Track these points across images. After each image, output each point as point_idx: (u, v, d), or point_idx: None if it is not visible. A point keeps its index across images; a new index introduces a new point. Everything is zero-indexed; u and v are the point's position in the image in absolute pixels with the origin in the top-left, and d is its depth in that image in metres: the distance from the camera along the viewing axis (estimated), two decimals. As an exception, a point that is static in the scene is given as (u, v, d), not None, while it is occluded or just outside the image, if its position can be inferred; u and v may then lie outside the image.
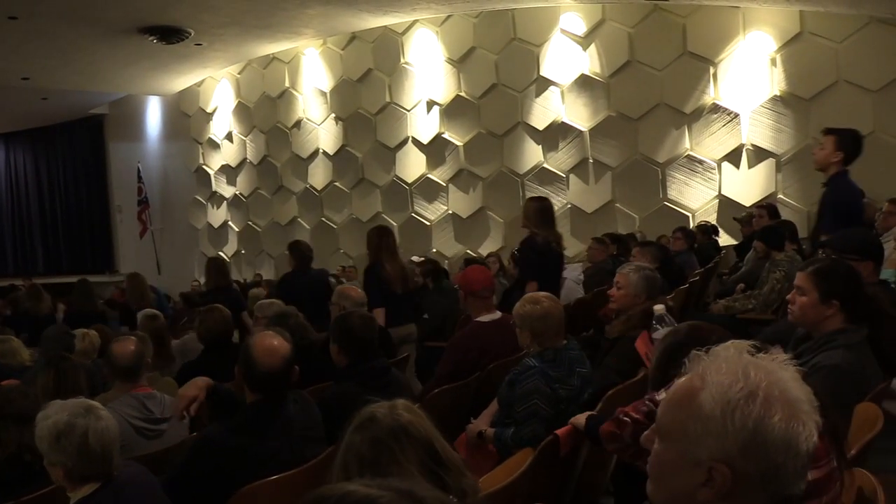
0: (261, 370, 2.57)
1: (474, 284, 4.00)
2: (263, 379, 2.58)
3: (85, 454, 2.15)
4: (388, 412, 1.51)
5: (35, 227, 18.46)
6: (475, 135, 10.05)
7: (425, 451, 1.45)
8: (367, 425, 1.49)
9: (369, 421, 1.49)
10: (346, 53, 11.29)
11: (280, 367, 2.60)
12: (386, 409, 1.52)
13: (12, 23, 9.19)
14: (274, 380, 2.59)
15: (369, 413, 1.52)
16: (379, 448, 1.44)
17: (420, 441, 1.46)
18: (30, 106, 15.10)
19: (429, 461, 1.44)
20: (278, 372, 2.59)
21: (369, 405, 1.55)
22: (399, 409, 1.52)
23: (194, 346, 4.81)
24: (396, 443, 1.44)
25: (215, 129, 13.58)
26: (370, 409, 1.53)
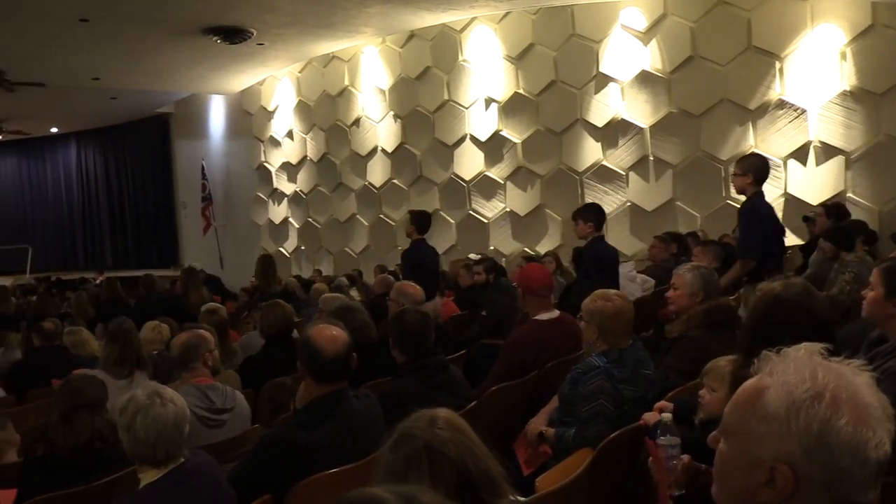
0: (326, 357, 2.60)
1: (533, 283, 3.98)
2: (329, 366, 2.61)
3: (133, 433, 2.21)
4: (427, 427, 1.49)
5: (104, 222, 19.09)
6: (533, 132, 9.99)
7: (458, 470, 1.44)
8: (403, 442, 1.48)
9: (405, 438, 1.49)
10: (404, 51, 11.35)
11: (343, 352, 2.64)
12: (425, 424, 1.50)
13: (83, 25, 9.51)
14: (339, 366, 2.62)
15: (407, 429, 1.51)
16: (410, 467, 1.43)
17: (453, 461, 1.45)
18: (100, 105, 15.61)
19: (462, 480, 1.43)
20: (342, 358, 2.63)
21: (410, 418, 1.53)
22: (439, 424, 1.50)
23: (256, 342, 4.92)
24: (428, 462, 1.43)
25: (276, 127, 13.82)
26: (409, 425, 1.51)
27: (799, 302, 2.27)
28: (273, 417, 3.32)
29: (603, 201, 9.33)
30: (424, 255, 6.28)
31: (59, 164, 19.94)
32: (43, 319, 7.05)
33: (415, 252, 6.32)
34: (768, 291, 2.38)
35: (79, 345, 5.68)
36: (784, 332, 1.97)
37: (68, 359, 5.35)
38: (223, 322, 5.29)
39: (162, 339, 5.34)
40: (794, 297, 2.28)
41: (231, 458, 3.00)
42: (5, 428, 3.49)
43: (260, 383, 3.95)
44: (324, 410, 2.59)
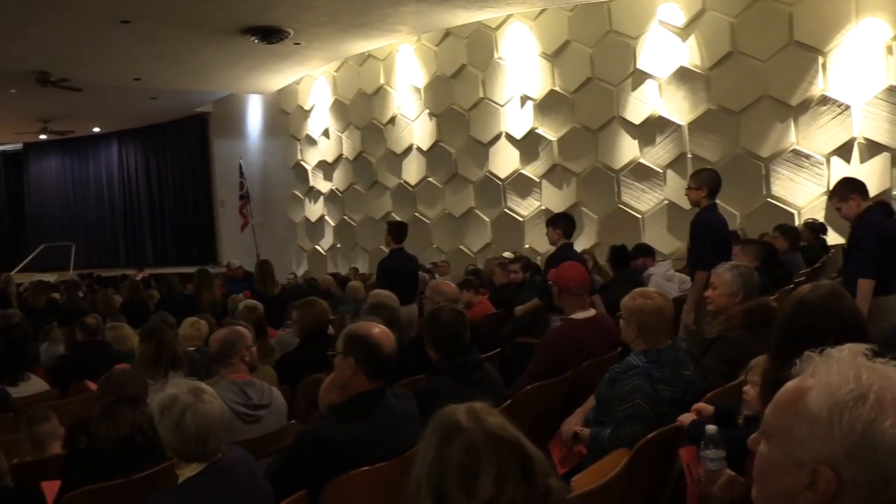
0: (384, 354, 2.61)
1: (569, 282, 3.93)
2: (386, 363, 2.62)
3: (180, 431, 2.23)
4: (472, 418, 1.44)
5: (145, 220, 19.45)
6: (569, 129, 9.92)
7: (518, 452, 1.42)
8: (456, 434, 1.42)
9: (457, 430, 1.42)
10: (439, 49, 11.36)
11: (395, 349, 2.65)
12: (468, 415, 1.45)
13: (125, 26, 9.69)
14: (392, 362, 2.64)
15: (453, 422, 1.45)
16: (475, 456, 1.38)
17: (513, 443, 1.42)
18: (140, 105, 15.90)
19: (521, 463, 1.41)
20: (395, 354, 2.64)
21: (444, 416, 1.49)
22: (482, 414, 1.46)
23: (293, 338, 4.96)
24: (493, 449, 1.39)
25: (313, 126, 13.94)
26: (452, 418, 1.45)
27: (824, 304, 2.23)
28: (309, 414, 3.34)
29: (640, 199, 9.27)
30: (399, 263, 6.72)
31: (101, 163, 20.36)
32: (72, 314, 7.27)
33: (389, 260, 6.83)
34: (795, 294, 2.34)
35: (120, 340, 5.79)
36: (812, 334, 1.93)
37: (110, 354, 5.45)
38: (261, 319, 5.35)
39: (201, 335, 5.41)
40: (819, 299, 2.24)
41: (267, 453, 3.03)
42: (49, 420, 3.57)
43: (296, 380, 3.99)
44: (363, 407, 2.60)
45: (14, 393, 4.87)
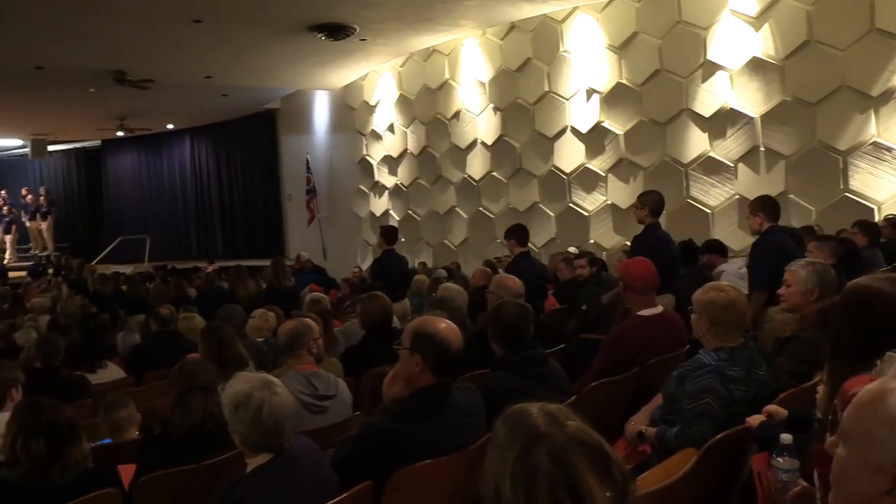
0: (452, 350, 2.62)
1: (635, 280, 3.86)
2: (453, 359, 2.64)
3: (258, 425, 2.29)
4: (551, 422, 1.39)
5: (215, 214, 19.95)
6: (636, 123, 9.75)
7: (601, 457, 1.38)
8: (539, 441, 1.36)
9: (538, 437, 1.37)
10: (504, 43, 11.31)
11: (462, 344, 2.66)
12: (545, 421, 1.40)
13: (197, 26, 9.94)
14: (459, 357, 2.65)
15: (531, 427, 1.39)
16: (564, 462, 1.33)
17: (596, 448, 1.39)
18: (211, 102, 16.30)
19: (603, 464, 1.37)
20: (462, 349, 2.65)
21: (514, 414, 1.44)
22: (561, 418, 1.41)
23: (358, 330, 5.02)
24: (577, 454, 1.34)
25: (378, 121, 14.06)
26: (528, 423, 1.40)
27: None
28: (374, 405, 3.38)
29: (709, 194, 9.05)
30: (392, 264, 7.45)
31: (174, 159, 20.98)
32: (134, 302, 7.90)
33: (383, 261, 7.68)
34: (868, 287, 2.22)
35: (192, 330, 5.96)
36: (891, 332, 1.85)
37: (182, 343, 5.63)
38: (326, 311, 5.44)
39: (269, 326, 5.54)
40: None
41: (332, 443, 3.07)
42: (127, 406, 3.72)
43: (361, 371, 4.04)
44: (429, 402, 2.61)
45: (93, 380, 5.09)
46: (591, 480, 1.31)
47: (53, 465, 2.61)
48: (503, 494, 1.35)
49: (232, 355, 3.79)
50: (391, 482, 2.46)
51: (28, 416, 2.69)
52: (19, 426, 2.67)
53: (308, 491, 2.32)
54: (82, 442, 2.74)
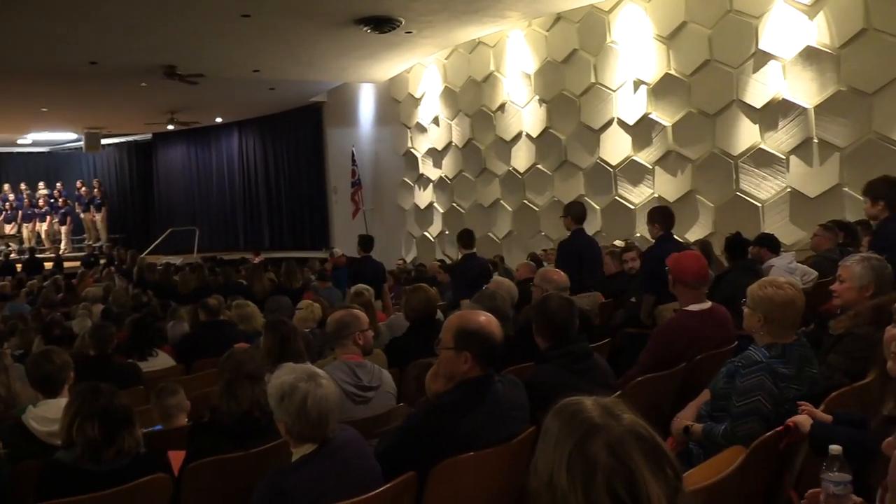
0: (496, 343, 2.63)
1: (686, 275, 3.78)
2: (497, 351, 2.64)
3: (303, 416, 2.32)
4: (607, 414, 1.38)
5: (262, 206, 20.23)
6: (685, 114, 9.58)
7: (656, 451, 1.37)
8: (596, 433, 1.35)
9: (595, 428, 1.36)
10: (550, 35, 11.21)
11: (502, 336, 2.66)
12: (600, 411, 1.39)
13: (245, 20, 10.07)
14: (501, 350, 2.65)
15: (587, 422, 1.37)
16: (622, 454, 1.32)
17: (651, 442, 1.37)
18: (259, 96, 16.52)
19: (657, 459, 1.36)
20: (503, 342, 2.65)
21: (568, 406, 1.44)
22: (616, 410, 1.40)
23: (403, 322, 5.04)
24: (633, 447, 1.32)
25: (423, 114, 14.08)
26: (584, 415, 1.39)
27: None
28: (418, 396, 3.39)
29: (760, 187, 8.85)
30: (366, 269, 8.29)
31: (222, 152, 21.31)
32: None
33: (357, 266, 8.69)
34: None
35: (246, 319, 6.06)
36: None
37: (231, 333, 5.73)
38: (369, 303, 5.47)
39: (314, 317, 5.60)
40: None
41: (376, 434, 3.10)
42: (177, 394, 3.79)
43: (405, 363, 4.06)
44: (473, 394, 2.61)
45: (144, 367, 5.21)
46: (647, 474, 1.30)
47: (107, 449, 2.70)
48: (558, 486, 1.33)
49: (293, 350, 3.84)
50: (434, 473, 2.47)
51: (84, 401, 2.78)
52: (76, 410, 2.77)
53: (352, 480, 2.34)
54: (136, 428, 2.81)
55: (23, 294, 12.63)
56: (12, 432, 3.28)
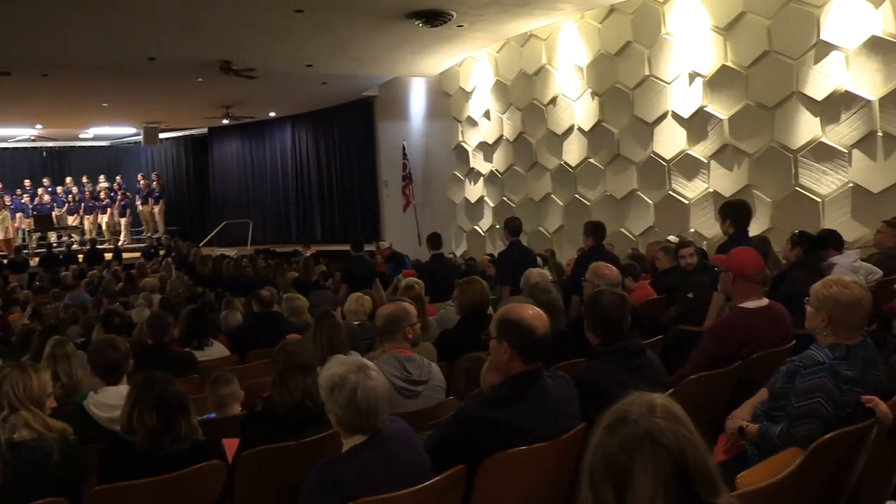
0: (538, 336, 2.61)
1: (747, 268, 3.70)
2: (539, 345, 2.62)
3: (352, 407, 2.34)
4: (645, 413, 1.39)
5: (314, 199, 20.45)
6: (742, 107, 9.35)
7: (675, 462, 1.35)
8: (618, 426, 1.39)
9: (621, 422, 1.40)
10: (603, 27, 11.07)
11: (549, 331, 2.64)
12: (642, 410, 1.40)
13: (298, 15, 10.17)
14: (546, 345, 2.63)
15: (622, 412, 1.41)
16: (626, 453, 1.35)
17: (672, 452, 1.35)
18: (312, 90, 16.69)
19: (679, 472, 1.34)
20: (549, 336, 2.63)
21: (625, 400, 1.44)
22: (657, 412, 1.39)
23: (453, 316, 5.05)
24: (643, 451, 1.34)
25: (474, 108, 14.05)
26: (624, 408, 1.42)
27: None
28: (468, 390, 3.39)
29: (820, 182, 8.61)
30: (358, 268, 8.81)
31: (276, 146, 21.61)
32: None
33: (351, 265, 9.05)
34: None
35: (296, 311, 6.15)
36: None
37: (283, 324, 5.82)
38: (419, 297, 5.49)
39: (365, 310, 5.65)
40: None
41: (425, 427, 3.11)
42: (231, 383, 3.87)
43: (455, 356, 4.06)
44: (521, 389, 2.61)
45: (199, 357, 5.32)
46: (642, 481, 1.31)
47: (165, 435, 2.79)
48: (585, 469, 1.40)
49: (339, 343, 3.89)
50: (483, 467, 2.47)
51: (142, 391, 2.88)
52: (134, 400, 2.87)
53: (401, 472, 2.36)
54: (192, 415, 2.89)
55: (83, 284, 13.04)
56: (73, 417, 3.39)
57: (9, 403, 2.70)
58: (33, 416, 2.75)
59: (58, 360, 4.11)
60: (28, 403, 2.74)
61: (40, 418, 2.77)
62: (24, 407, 2.73)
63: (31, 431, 2.71)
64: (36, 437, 2.71)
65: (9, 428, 2.67)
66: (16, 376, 2.75)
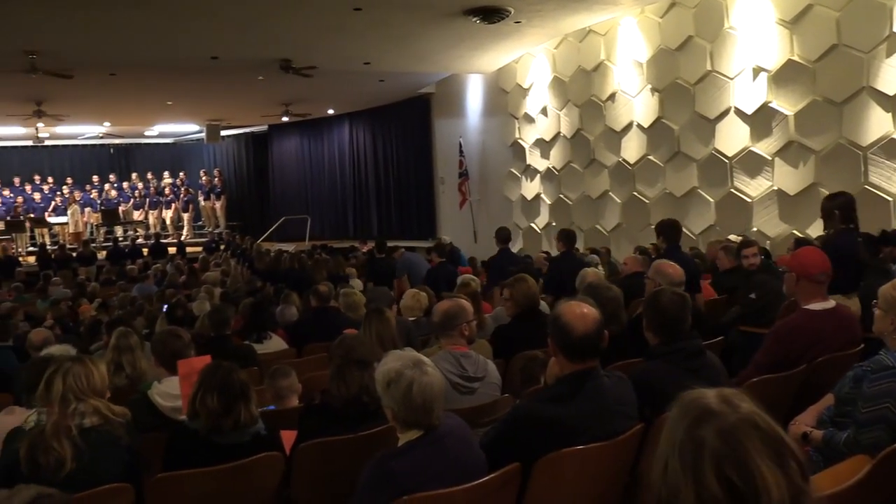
0: (576, 335, 2.59)
1: (811, 268, 3.59)
2: (579, 344, 2.59)
3: (408, 402, 2.36)
4: (724, 402, 1.36)
5: (371, 196, 20.65)
6: (808, 102, 9.07)
7: (776, 444, 1.32)
8: (708, 418, 1.35)
9: (708, 414, 1.35)
10: (664, 21, 10.87)
11: (594, 330, 2.60)
12: (718, 399, 1.37)
13: (357, 13, 10.26)
14: (589, 344, 2.60)
15: (702, 404, 1.37)
16: (733, 441, 1.31)
17: (770, 434, 1.33)
18: (369, 88, 16.82)
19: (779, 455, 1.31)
20: (592, 336, 2.60)
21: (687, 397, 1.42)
22: (735, 399, 1.37)
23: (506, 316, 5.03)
24: (748, 435, 1.31)
25: (531, 104, 13.97)
26: (700, 401, 1.39)
27: None
28: (523, 388, 3.38)
29: (891, 180, 8.30)
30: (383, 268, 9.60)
31: (334, 143, 21.88)
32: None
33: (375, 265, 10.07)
34: None
35: (353, 307, 6.22)
36: None
37: (339, 319, 5.89)
38: (476, 294, 5.49)
39: (420, 306, 5.67)
40: None
41: (481, 424, 3.10)
42: (289, 376, 3.94)
43: (509, 354, 4.05)
44: (574, 387, 2.59)
45: (259, 350, 5.43)
46: (762, 463, 1.28)
47: (225, 419, 2.88)
48: (671, 470, 1.35)
49: (388, 338, 3.93)
50: (539, 466, 2.46)
51: (207, 376, 3.00)
52: (199, 384, 2.98)
53: (456, 468, 2.36)
54: (252, 403, 2.96)
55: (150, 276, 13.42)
56: (138, 406, 3.51)
57: (74, 395, 2.79)
58: (100, 402, 2.85)
59: (122, 350, 4.25)
60: (92, 393, 2.84)
61: (105, 404, 2.87)
62: (89, 396, 2.82)
63: (99, 417, 2.81)
64: (103, 423, 2.81)
65: (78, 415, 2.77)
66: (77, 369, 2.85)
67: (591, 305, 2.75)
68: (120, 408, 2.95)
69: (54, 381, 2.82)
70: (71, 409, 2.77)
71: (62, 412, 2.76)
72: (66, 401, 2.78)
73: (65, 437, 2.69)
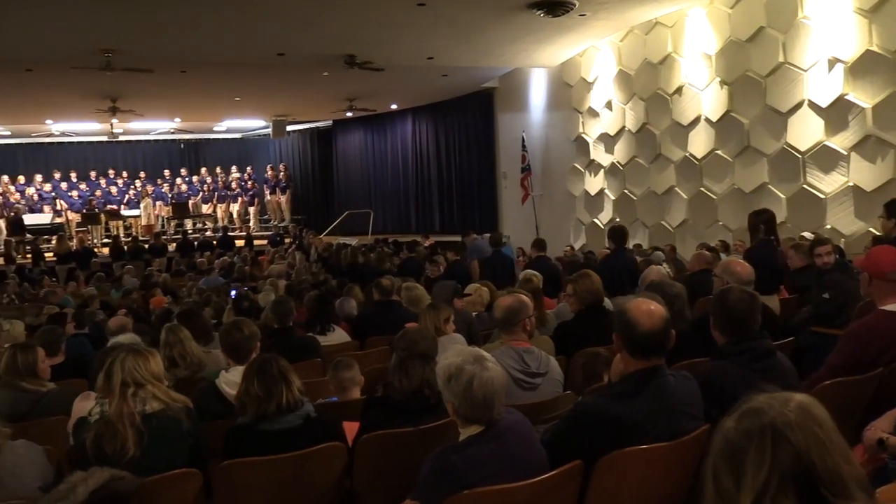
0: (641, 332, 2.55)
1: (885, 266, 3.44)
2: (645, 341, 2.56)
3: (468, 397, 2.36)
4: (777, 406, 1.35)
5: (433, 190, 20.73)
6: (888, 95, 8.69)
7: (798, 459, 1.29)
8: (747, 416, 1.37)
9: (752, 412, 1.37)
10: (734, 12, 10.58)
11: (660, 327, 2.56)
12: (775, 403, 1.36)
13: (420, 9, 10.30)
14: (655, 341, 2.56)
15: (757, 403, 1.38)
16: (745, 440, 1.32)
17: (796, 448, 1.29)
18: (432, 83, 16.88)
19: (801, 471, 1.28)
20: (659, 333, 2.55)
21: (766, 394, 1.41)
22: (790, 406, 1.35)
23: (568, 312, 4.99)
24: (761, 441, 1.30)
25: (595, 98, 13.80)
26: (761, 400, 1.38)
27: None
28: (585, 385, 3.34)
29: (977, 175, 7.91)
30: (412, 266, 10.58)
31: (397, 138, 22.04)
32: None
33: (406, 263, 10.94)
34: None
35: (414, 301, 6.25)
36: None
37: (402, 313, 5.93)
38: (537, 290, 5.45)
39: (482, 301, 5.67)
40: None
41: (542, 420, 3.09)
42: (352, 368, 3.98)
43: (571, 350, 4.01)
44: (638, 385, 2.55)
45: (322, 341, 5.51)
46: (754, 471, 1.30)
47: (268, 403, 2.92)
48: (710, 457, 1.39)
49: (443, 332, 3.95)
50: (601, 464, 2.43)
51: (248, 367, 3.09)
52: (244, 376, 3.06)
53: (517, 464, 2.36)
54: (293, 385, 3.00)
55: (217, 268, 13.76)
56: (206, 394, 3.60)
57: (133, 381, 2.88)
58: (159, 389, 2.93)
59: (172, 345, 4.36)
60: (151, 379, 2.92)
61: (164, 390, 2.95)
62: (149, 382, 2.91)
63: (159, 403, 2.89)
64: (164, 408, 2.89)
65: (140, 401, 2.85)
66: (133, 357, 2.94)
67: (658, 302, 2.70)
68: (180, 395, 3.03)
69: (113, 370, 2.91)
70: (131, 396, 2.85)
71: (123, 399, 2.84)
72: (126, 388, 2.86)
73: (129, 423, 2.77)
